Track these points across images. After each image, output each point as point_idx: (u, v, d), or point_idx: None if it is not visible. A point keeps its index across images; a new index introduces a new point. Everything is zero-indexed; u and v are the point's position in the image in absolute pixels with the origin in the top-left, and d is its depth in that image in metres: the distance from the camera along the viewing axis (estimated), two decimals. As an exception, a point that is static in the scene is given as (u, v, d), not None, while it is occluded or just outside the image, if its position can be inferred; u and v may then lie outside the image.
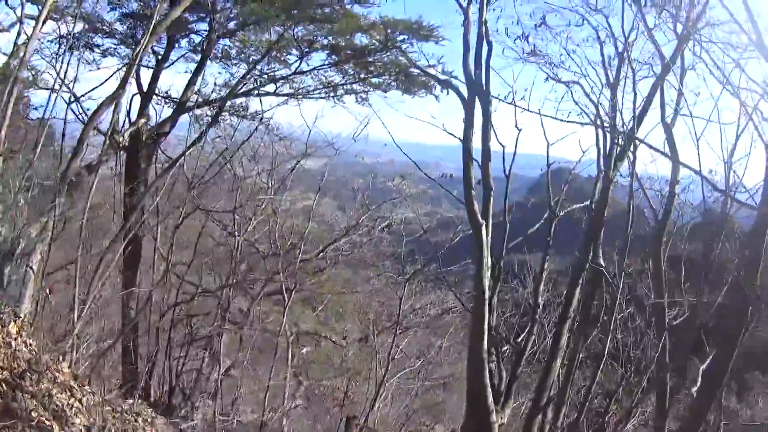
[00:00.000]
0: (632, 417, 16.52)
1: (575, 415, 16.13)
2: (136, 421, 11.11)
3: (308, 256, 25.85)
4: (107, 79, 15.62)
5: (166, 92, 19.68)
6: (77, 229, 16.03)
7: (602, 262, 14.73)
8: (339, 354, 30.59)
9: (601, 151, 15.71)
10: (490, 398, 13.20)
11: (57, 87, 12.12)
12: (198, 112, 19.30)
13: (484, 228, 13.13)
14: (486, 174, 13.60)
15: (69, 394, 8.85)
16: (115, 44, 19.45)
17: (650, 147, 13.26)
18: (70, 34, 14.26)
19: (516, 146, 15.25)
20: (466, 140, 13.46)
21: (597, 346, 16.08)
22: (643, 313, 16.38)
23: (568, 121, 14.11)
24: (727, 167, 14.84)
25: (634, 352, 15.90)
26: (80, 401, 9.02)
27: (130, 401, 11.96)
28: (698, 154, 14.98)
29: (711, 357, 12.43)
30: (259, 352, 24.77)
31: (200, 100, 19.26)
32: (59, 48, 14.61)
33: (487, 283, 13.25)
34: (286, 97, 19.64)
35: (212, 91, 19.36)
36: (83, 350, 11.86)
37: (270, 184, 21.87)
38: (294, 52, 18.78)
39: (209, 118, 19.46)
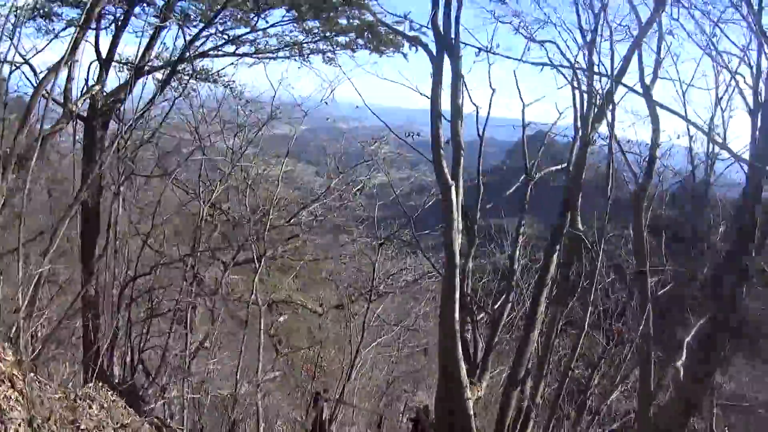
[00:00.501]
0: (615, 388, 15.93)
1: (556, 387, 15.39)
2: (90, 407, 10.35)
3: (281, 223, 25.04)
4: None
5: (127, 59, 18.47)
6: (35, 204, 15.25)
7: (581, 227, 13.85)
8: (317, 322, 29.83)
9: (578, 113, 14.85)
10: (464, 372, 12.52)
11: (13, 59, 11.24)
12: (158, 76, 18.06)
13: (453, 189, 12.32)
14: (455, 132, 12.81)
15: (9, 384, 8.12)
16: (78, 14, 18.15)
17: (630, 89, 12.44)
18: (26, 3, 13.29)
19: (490, 107, 14.76)
20: (435, 98, 12.65)
21: (578, 314, 15.29)
22: (623, 282, 15.67)
23: (541, 65, 13.25)
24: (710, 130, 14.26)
25: (616, 323, 15.17)
26: (21, 392, 8.16)
27: (89, 386, 11.22)
28: (685, 110, 14.33)
29: (695, 328, 11.64)
30: (232, 322, 23.82)
31: (159, 64, 18.06)
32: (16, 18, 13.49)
33: (457, 248, 12.51)
34: (248, 57, 18.45)
35: (171, 55, 18.14)
36: (32, 335, 10.90)
37: (236, 148, 20.73)
38: (250, 6, 17.56)
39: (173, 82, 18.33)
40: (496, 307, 16.80)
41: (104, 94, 16.88)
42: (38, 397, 8.59)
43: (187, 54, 16.80)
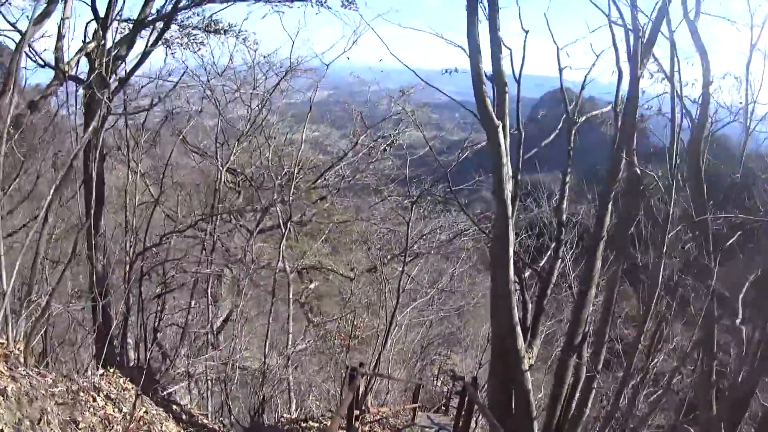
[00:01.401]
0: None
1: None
2: (95, 400, 8.93)
3: (307, 185, 23.41)
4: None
5: (128, 17, 16.63)
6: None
7: (638, 169, 11.92)
8: (348, 288, 28.21)
9: (619, 51, 12.81)
10: (521, 340, 10.92)
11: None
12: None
13: (500, 129, 10.54)
14: (497, 67, 11.05)
15: (-7, 382, 6.93)
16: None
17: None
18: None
19: (525, 49, 13.01)
20: (472, 31, 10.95)
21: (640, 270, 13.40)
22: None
23: None
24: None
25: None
26: (2, 392, 6.80)
27: (95, 375, 9.87)
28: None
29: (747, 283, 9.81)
30: (260, 292, 22.28)
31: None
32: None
33: (509, 196, 10.83)
34: (261, 2, 16.52)
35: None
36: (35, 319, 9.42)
37: (252, 107, 18.96)
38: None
39: (181, 37, 16.56)
40: (541, 264, 15.10)
41: (103, 52, 15.05)
42: (26, 396, 7.16)
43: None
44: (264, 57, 19.20)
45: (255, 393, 16.62)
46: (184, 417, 13.03)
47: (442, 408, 28.96)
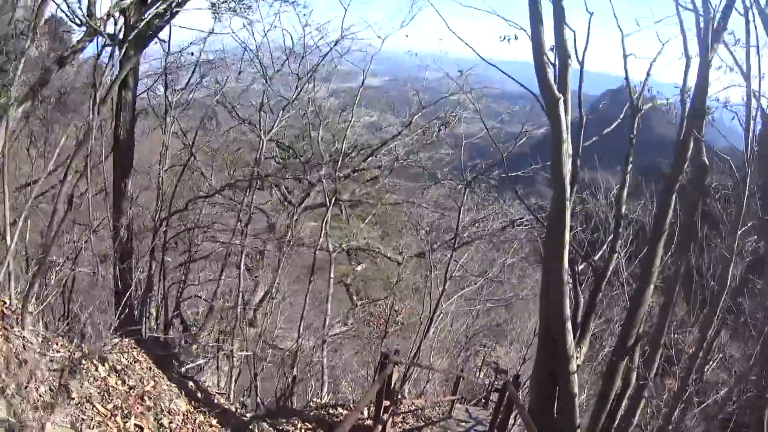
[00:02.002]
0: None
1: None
2: (96, 369, 8.34)
3: (359, 163, 22.28)
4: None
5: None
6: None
7: (706, 160, 10.42)
8: (396, 272, 27.03)
9: (687, 37, 11.34)
10: (570, 338, 9.61)
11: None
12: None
13: (561, 103, 9.23)
14: (560, 38, 9.75)
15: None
16: None
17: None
18: None
19: (588, 31, 11.79)
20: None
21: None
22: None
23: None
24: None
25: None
26: None
27: (110, 342, 9.37)
28: None
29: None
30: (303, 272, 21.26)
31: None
32: None
33: (567, 174, 9.51)
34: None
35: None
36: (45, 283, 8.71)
37: (302, 74, 17.72)
38: None
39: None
40: (596, 257, 13.77)
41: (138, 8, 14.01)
42: (16, 358, 6.78)
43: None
44: (315, 28, 18.00)
45: (285, 375, 15.58)
46: (199, 395, 12.09)
47: (482, 401, 27.88)
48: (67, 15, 11.71)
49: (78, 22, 11.67)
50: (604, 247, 14.37)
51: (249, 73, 18.45)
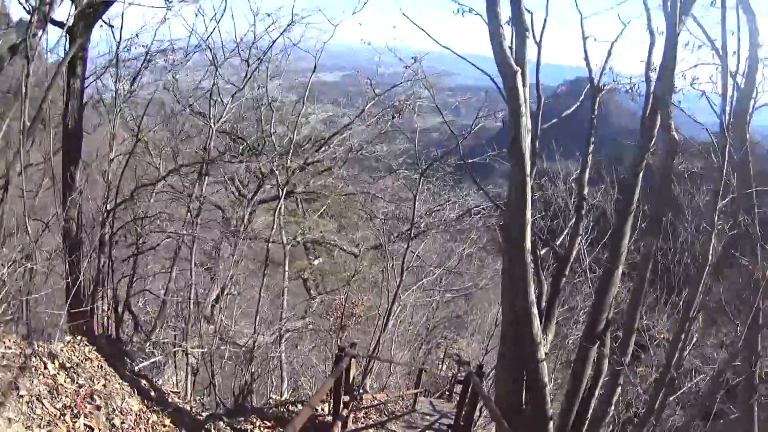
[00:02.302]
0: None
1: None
2: (45, 367, 8.05)
3: (312, 154, 21.67)
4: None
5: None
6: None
7: (676, 134, 9.98)
8: (353, 265, 26.50)
9: (650, 13, 10.99)
10: (537, 324, 9.15)
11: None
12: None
13: (519, 75, 8.74)
14: (518, 10, 9.16)
15: None
16: None
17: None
18: None
19: (547, 10, 11.34)
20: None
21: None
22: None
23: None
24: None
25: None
26: None
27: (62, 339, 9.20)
28: None
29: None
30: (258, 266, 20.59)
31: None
32: None
33: (528, 151, 9.04)
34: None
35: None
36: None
37: (252, 61, 17.04)
38: None
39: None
40: (559, 241, 13.41)
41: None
42: None
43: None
44: (266, 14, 17.35)
45: (242, 372, 14.93)
46: (153, 394, 11.40)
47: (446, 394, 27.52)
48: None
49: (27, 9, 11.05)
50: (566, 230, 13.99)
51: (201, 64, 17.75)
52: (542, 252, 13.33)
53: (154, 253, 15.65)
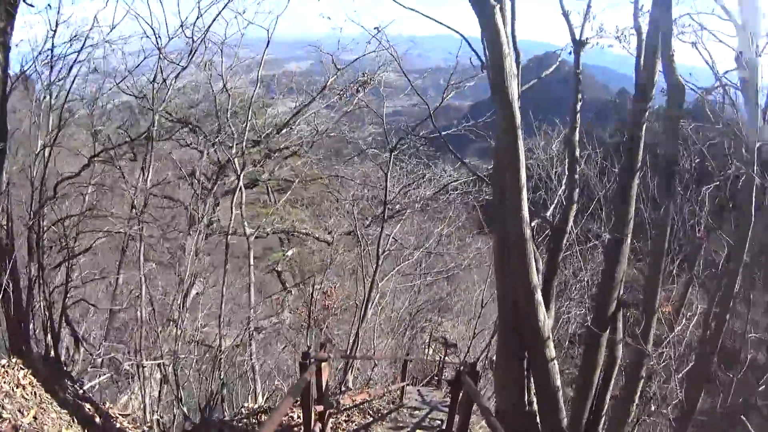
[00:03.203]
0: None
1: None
2: None
3: (277, 143, 19.83)
4: None
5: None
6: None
7: (680, 77, 8.24)
8: (327, 253, 24.69)
9: None
10: (543, 314, 7.34)
11: None
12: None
13: (498, 11, 7.00)
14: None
15: None
16: None
17: None
18: None
19: None
20: None
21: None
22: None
23: None
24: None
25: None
26: None
27: None
28: None
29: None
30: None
31: None
32: None
33: (515, 97, 7.27)
34: None
35: None
36: None
37: (197, 37, 14.99)
38: None
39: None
40: (549, 212, 11.81)
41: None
42: None
43: None
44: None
45: (207, 380, 13.06)
46: (98, 421, 9.57)
47: (435, 380, 26.02)
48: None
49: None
50: (554, 201, 12.48)
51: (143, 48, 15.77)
52: (533, 224, 11.60)
53: (94, 257, 13.68)
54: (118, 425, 9.91)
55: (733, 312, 8.24)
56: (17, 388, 7.93)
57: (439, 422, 13.39)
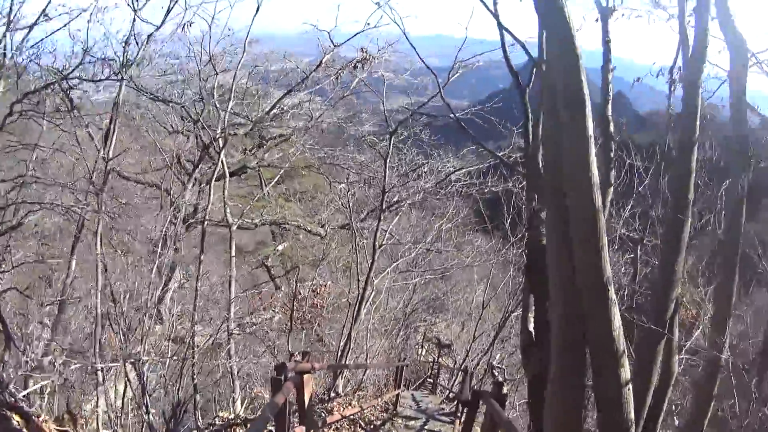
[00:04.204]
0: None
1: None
2: None
3: (268, 131, 17.81)
4: None
5: None
6: None
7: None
8: (321, 248, 22.74)
9: None
10: (619, 323, 4.91)
11: None
12: None
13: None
14: None
15: None
16: None
17: None
18: None
19: None
20: None
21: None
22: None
23: None
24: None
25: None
26: None
27: None
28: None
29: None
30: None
31: None
32: None
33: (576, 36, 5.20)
34: None
35: None
36: None
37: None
38: None
39: None
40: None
41: None
42: None
43: None
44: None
45: (175, 386, 10.91)
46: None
47: (429, 382, 24.14)
48: None
49: None
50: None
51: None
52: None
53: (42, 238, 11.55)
54: (54, 439, 7.81)
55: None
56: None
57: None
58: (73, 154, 11.89)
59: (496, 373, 18.63)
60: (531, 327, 7.93)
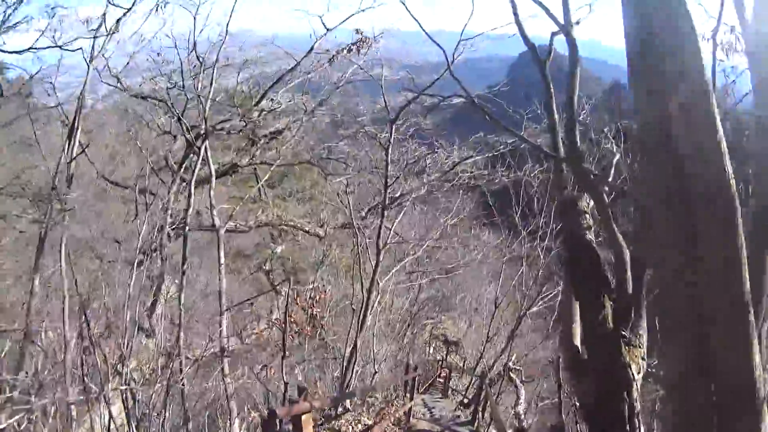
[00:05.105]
0: None
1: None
2: None
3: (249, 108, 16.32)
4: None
5: None
6: None
7: None
8: (321, 249, 21.25)
9: None
10: (756, 349, 3.23)
11: None
12: None
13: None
14: None
15: None
16: None
17: None
18: None
19: None
20: None
21: None
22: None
23: None
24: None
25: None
26: None
27: None
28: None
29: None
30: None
31: None
32: None
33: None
34: None
35: None
36: None
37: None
38: None
39: None
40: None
41: None
42: None
43: None
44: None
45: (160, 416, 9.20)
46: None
47: (439, 383, 22.56)
48: None
49: None
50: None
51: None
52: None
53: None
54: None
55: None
56: None
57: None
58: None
59: (514, 376, 17.30)
60: (578, 341, 6.40)
